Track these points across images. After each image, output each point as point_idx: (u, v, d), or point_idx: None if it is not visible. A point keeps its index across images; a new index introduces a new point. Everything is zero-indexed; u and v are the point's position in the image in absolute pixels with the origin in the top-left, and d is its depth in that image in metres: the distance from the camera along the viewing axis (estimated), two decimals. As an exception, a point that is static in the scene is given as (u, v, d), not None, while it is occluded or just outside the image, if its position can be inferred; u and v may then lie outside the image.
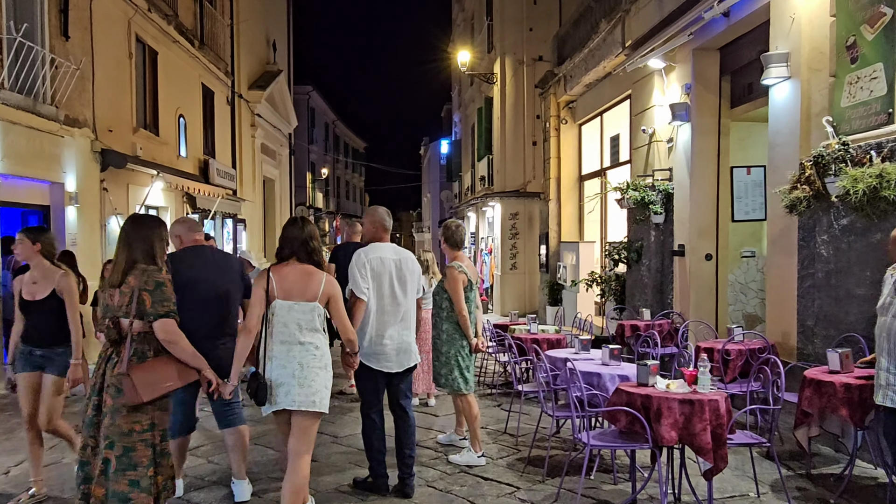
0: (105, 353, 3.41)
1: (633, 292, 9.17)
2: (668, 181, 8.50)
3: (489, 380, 8.71)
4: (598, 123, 12.84)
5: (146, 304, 3.32)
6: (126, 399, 3.25)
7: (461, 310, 5.07)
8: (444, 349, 5.18)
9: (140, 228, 3.50)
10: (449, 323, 5.17)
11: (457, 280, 5.08)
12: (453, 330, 5.15)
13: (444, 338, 5.18)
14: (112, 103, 11.06)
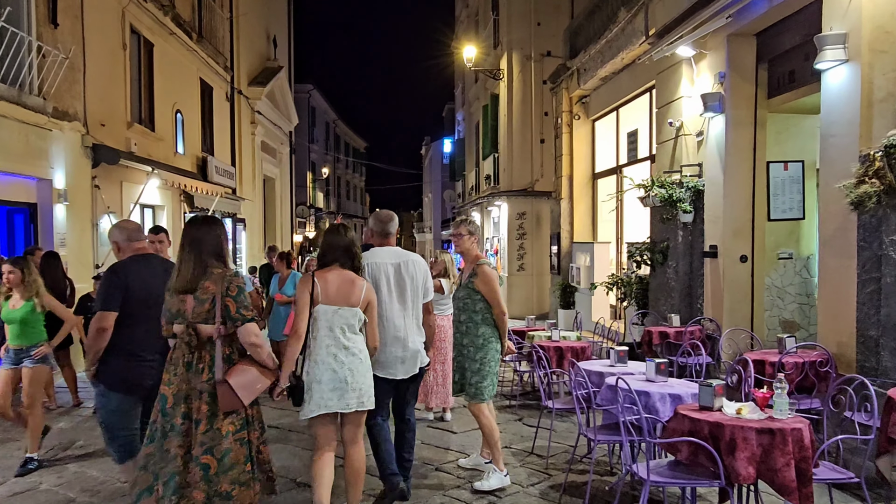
0: (181, 360, 3.37)
1: (657, 296, 8.62)
2: (697, 177, 7.95)
3: (506, 389, 8.15)
4: (613, 118, 12.29)
5: (231, 309, 3.35)
6: (227, 406, 3.30)
7: (503, 309, 4.74)
8: (479, 355, 4.74)
9: (208, 230, 3.50)
10: (486, 325, 4.75)
11: (494, 277, 4.74)
12: (490, 333, 4.76)
13: (480, 342, 4.75)
14: (105, 96, 10.50)
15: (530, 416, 6.91)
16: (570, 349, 6.97)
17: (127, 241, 4.04)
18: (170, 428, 3.33)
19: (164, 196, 12.78)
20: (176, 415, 3.33)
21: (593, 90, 12.74)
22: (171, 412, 3.34)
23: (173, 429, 3.32)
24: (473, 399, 4.73)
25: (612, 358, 5.20)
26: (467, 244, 4.90)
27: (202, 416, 3.31)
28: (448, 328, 6.66)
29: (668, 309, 8.30)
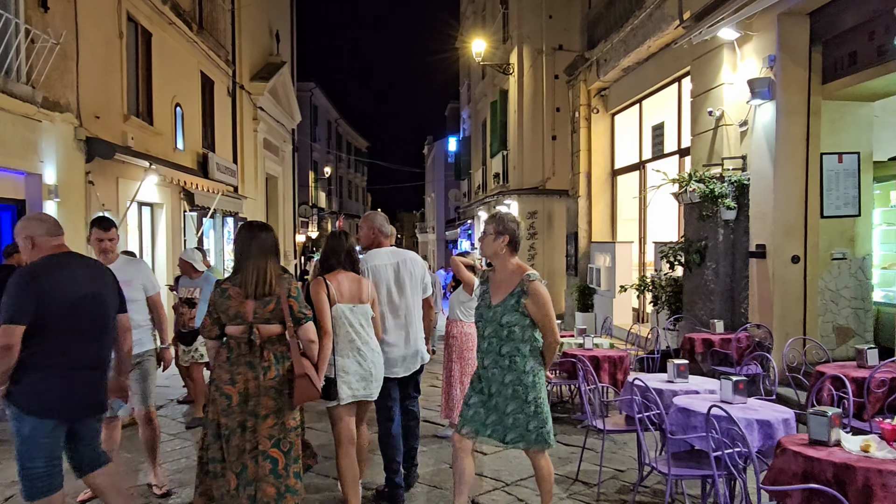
0: (243, 360, 3.46)
1: (693, 299, 8.00)
2: (740, 171, 7.33)
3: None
4: (635, 111, 11.67)
5: (294, 309, 3.53)
6: (305, 398, 3.51)
7: (558, 338, 3.75)
8: (533, 395, 3.65)
9: (267, 235, 3.62)
10: (534, 358, 3.68)
11: (548, 298, 3.65)
12: (539, 366, 3.71)
13: (531, 381, 3.66)
14: (99, 87, 9.87)
15: (563, 432, 6.28)
16: (607, 359, 6.35)
17: (46, 236, 3.42)
18: (236, 425, 3.44)
19: (162, 194, 12.16)
20: (241, 412, 3.44)
21: (613, 82, 12.13)
22: (237, 410, 3.44)
23: (239, 426, 3.44)
24: (539, 446, 3.69)
25: (670, 372, 4.57)
26: (493, 247, 3.71)
27: (269, 412, 3.44)
28: (475, 336, 6.06)
29: (707, 313, 7.68)
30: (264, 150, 20.04)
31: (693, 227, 7.97)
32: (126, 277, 4.19)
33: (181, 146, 13.20)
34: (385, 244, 4.61)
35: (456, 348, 6.02)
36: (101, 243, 4.36)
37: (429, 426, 6.52)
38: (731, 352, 6.57)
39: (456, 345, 6.03)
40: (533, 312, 3.62)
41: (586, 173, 12.91)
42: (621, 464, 5.27)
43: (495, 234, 3.66)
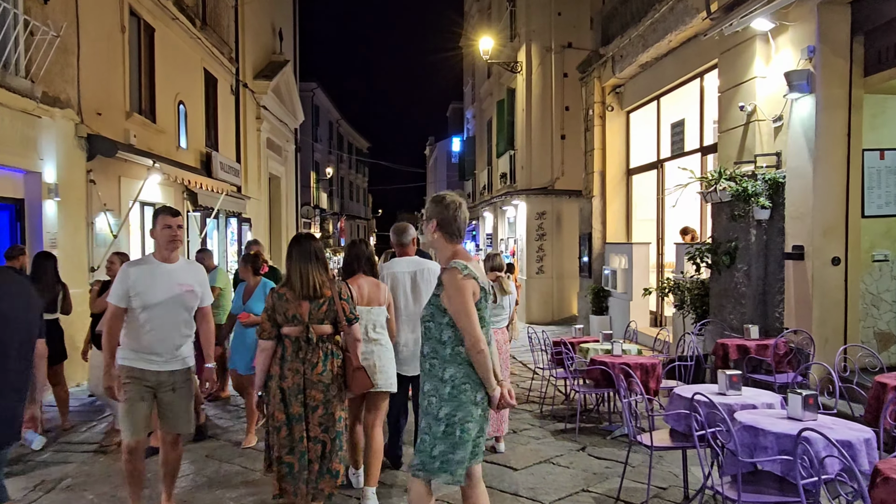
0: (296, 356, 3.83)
1: (721, 303, 7.66)
2: (774, 168, 6.99)
3: (549, 407, 7.18)
4: (653, 109, 11.34)
5: (345, 310, 3.92)
6: (361, 388, 4.00)
7: (476, 341, 2.97)
8: (445, 412, 3.03)
9: (316, 244, 3.99)
10: (456, 365, 3.03)
11: (464, 289, 3.00)
12: (463, 377, 3.02)
13: (447, 392, 3.03)
14: (101, 82, 9.54)
15: (594, 444, 5.95)
16: (639, 366, 6.00)
17: None
18: (293, 416, 3.81)
19: (165, 193, 11.81)
20: (295, 404, 3.81)
21: (630, 79, 11.79)
22: (290, 402, 3.81)
23: (295, 417, 3.81)
24: (421, 470, 3.06)
25: (721, 383, 4.23)
26: (427, 235, 3.23)
27: (318, 403, 3.81)
28: (501, 342, 5.72)
29: (737, 318, 7.34)
30: (267, 150, 19.71)
31: (722, 227, 7.63)
32: (187, 281, 4.08)
33: (184, 145, 12.87)
34: (407, 252, 4.98)
35: None
36: (169, 231, 3.94)
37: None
38: (768, 359, 6.23)
39: None
40: (448, 307, 3.03)
41: (600, 172, 12.57)
42: (662, 480, 4.93)
43: (426, 220, 3.20)
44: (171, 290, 3.98)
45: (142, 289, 3.92)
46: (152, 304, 3.93)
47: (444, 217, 3.13)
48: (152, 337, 3.96)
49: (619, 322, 11.58)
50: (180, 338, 4.07)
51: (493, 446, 5.70)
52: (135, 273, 3.96)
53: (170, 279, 3.99)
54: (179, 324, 4.05)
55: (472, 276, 3.01)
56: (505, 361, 5.74)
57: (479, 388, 3.03)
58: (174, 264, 4.06)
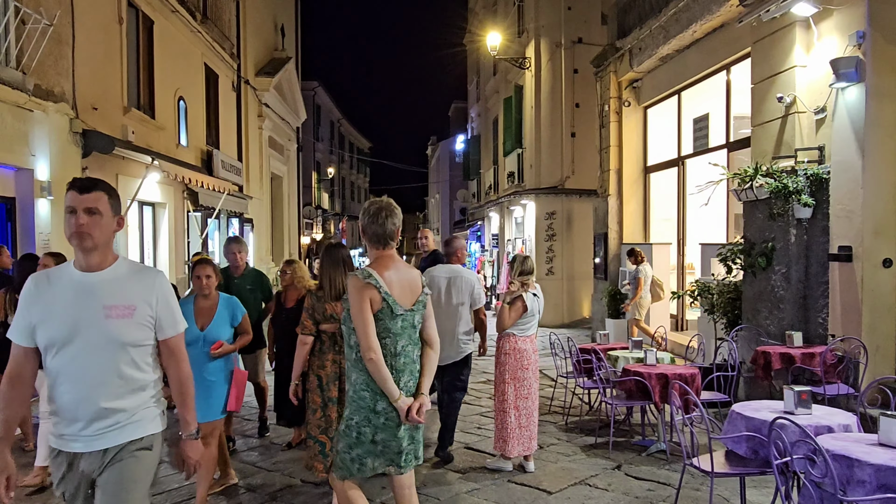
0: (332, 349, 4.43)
1: (755, 307, 7.19)
2: (816, 163, 6.54)
3: (574, 419, 6.71)
4: (673, 104, 10.87)
5: None
6: None
7: (366, 348, 2.98)
8: (347, 412, 3.14)
9: (345, 251, 4.58)
10: (358, 371, 3.09)
11: (359, 296, 3.02)
12: (363, 383, 3.07)
13: (350, 394, 3.14)
14: (97, 76, 9.09)
15: (629, 462, 5.49)
16: (678, 377, 5.54)
17: None
18: (328, 399, 4.37)
19: (165, 192, 11.37)
20: (332, 389, 4.37)
21: (648, 73, 11.33)
22: (327, 388, 4.38)
23: (331, 400, 4.36)
24: (337, 472, 3.17)
25: (788, 400, 3.77)
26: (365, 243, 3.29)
27: None
28: (530, 352, 5.26)
29: (774, 323, 6.88)
30: (269, 149, 19.26)
31: (756, 226, 7.17)
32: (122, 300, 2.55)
33: (184, 142, 12.43)
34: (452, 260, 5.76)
35: (509, 367, 5.23)
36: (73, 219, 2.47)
37: (475, 455, 5.72)
38: (816, 369, 5.78)
39: (509, 362, 5.23)
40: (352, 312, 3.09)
41: (616, 170, 12.11)
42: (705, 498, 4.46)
43: None
44: (89, 317, 2.47)
45: (43, 316, 2.48)
46: (59, 342, 2.47)
47: (364, 224, 3.20)
48: (67, 397, 2.49)
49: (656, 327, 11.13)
50: (114, 395, 2.50)
51: (521, 465, 5.25)
52: (37, 291, 2.53)
53: (88, 298, 2.49)
54: (110, 371, 2.50)
55: (375, 285, 3.03)
56: (534, 372, 5.28)
57: (382, 396, 3.03)
58: (100, 273, 2.53)
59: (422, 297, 3.19)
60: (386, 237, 3.14)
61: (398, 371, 3.05)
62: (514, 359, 5.21)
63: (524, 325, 5.22)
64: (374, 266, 3.11)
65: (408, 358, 3.10)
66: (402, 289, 3.11)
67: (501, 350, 5.29)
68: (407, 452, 3.08)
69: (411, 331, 3.13)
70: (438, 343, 3.31)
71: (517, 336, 5.23)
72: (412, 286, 3.16)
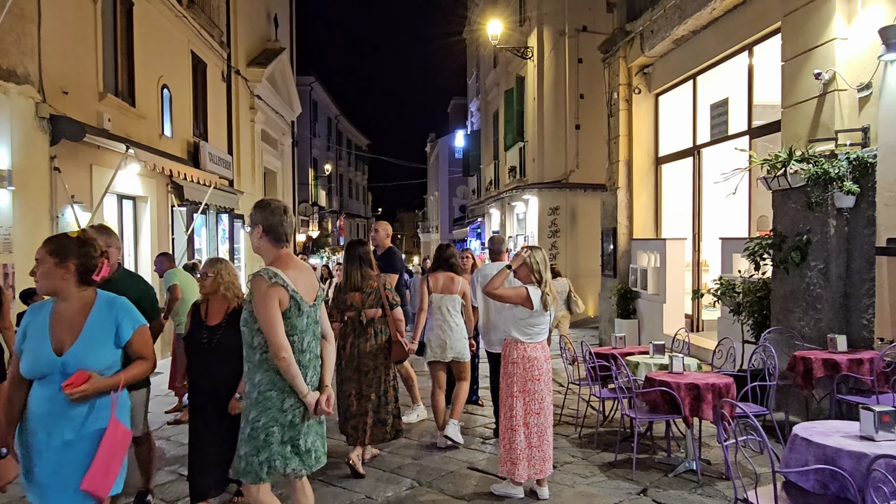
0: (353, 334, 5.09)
1: (788, 307, 6.52)
2: (860, 146, 5.86)
3: (590, 431, 6.04)
4: (688, 89, 10.19)
5: (389, 298, 5.17)
6: (399, 357, 5.22)
7: (279, 348, 2.97)
8: (253, 415, 3.07)
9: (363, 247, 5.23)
10: (263, 371, 3.07)
11: (266, 297, 3.00)
12: (268, 383, 3.06)
13: (255, 396, 3.08)
14: (68, 57, 8.41)
15: (656, 485, 4.82)
16: (710, 388, 4.87)
17: None
18: (345, 377, 5.10)
19: (147, 185, 10.68)
20: (349, 369, 5.08)
21: (660, 57, 10.65)
22: (345, 368, 5.09)
23: (348, 379, 5.09)
24: (240, 475, 3.11)
25: (866, 423, 3.09)
26: (255, 240, 3.21)
27: (369, 369, 5.07)
28: (542, 360, 4.59)
29: (809, 325, 6.20)
30: (262, 143, 18.57)
31: (789, 217, 6.49)
32: None
33: (169, 133, 11.73)
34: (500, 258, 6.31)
35: (518, 378, 4.54)
36: None
37: (480, 478, 5.05)
38: (864, 376, 5.10)
39: (517, 373, 4.55)
40: (256, 312, 3.05)
41: (626, 162, 11.43)
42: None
43: (251, 226, 3.21)
44: None
45: None
46: None
47: (270, 222, 3.15)
48: None
49: (649, 326, 10.47)
50: None
51: (533, 490, 4.57)
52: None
53: None
54: None
55: (281, 284, 3.03)
56: (547, 383, 4.60)
57: (289, 394, 3.05)
58: None
59: (320, 291, 3.28)
60: (288, 235, 3.19)
61: (304, 367, 3.07)
62: (522, 369, 4.52)
63: (532, 329, 4.54)
64: (277, 265, 3.10)
65: (312, 353, 3.15)
66: (304, 285, 3.13)
67: (508, 359, 4.61)
68: (315, 451, 3.13)
69: (314, 326, 3.18)
70: (333, 335, 3.39)
71: (526, 343, 4.54)
72: (311, 281, 3.22)
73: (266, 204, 3.21)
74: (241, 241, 15.86)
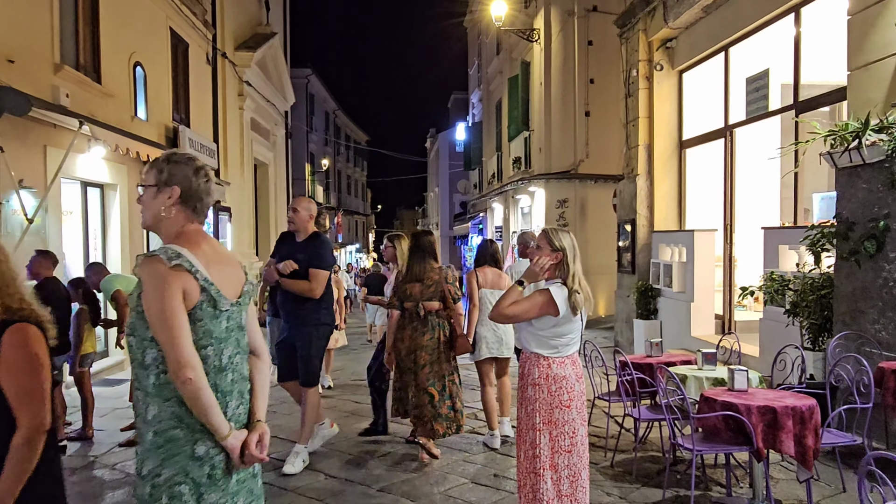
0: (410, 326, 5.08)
1: (857, 307, 5.46)
2: (956, 112, 4.80)
3: (624, 456, 4.98)
4: (718, 63, 9.14)
5: (451, 291, 5.13)
6: (462, 350, 5.25)
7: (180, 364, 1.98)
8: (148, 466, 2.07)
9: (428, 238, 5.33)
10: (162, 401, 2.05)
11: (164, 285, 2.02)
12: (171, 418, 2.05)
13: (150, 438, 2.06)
14: (15, 21, 7.35)
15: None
16: (789, 412, 3.80)
17: None
18: (406, 369, 5.10)
19: (116, 172, 9.62)
20: (409, 362, 5.07)
21: (686, 28, 9.60)
22: (406, 360, 5.08)
23: (408, 370, 5.08)
24: None
25: None
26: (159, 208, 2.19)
27: (426, 363, 5.04)
28: (573, 380, 3.50)
29: (888, 328, 5.15)
30: (252, 132, 17.49)
31: (859, 200, 5.43)
32: None
33: (143, 115, 10.66)
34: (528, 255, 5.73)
35: (542, 404, 3.41)
36: None
37: None
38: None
39: (541, 398, 3.42)
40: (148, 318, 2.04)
41: (646, 146, 10.37)
42: None
43: (158, 187, 2.17)
44: None
45: None
46: None
47: (193, 186, 2.18)
48: None
49: (675, 328, 9.41)
50: None
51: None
52: None
53: None
54: None
55: (187, 269, 2.05)
56: (580, 410, 3.49)
57: (203, 435, 2.05)
58: None
59: (247, 286, 2.26)
60: (207, 204, 2.24)
61: (224, 394, 2.11)
62: (547, 392, 3.40)
63: (559, 341, 3.45)
64: (181, 243, 2.12)
65: (237, 374, 2.17)
66: (223, 274, 2.16)
67: (527, 379, 3.48)
68: None
69: (239, 334, 2.20)
70: (267, 352, 2.37)
71: (551, 358, 3.46)
72: (234, 271, 2.23)
73: (185, 158, 2.22)
74: (227, 236, 14.79)
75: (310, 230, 5.12)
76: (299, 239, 5.09)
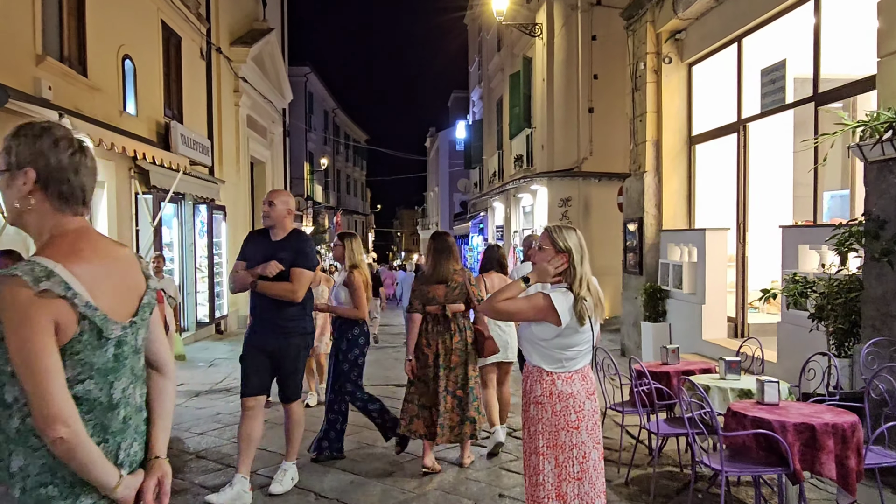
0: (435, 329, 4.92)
1: (888, 310, 5.09)
2: None
3: (639, 472, 4.61)
4: (731, 55, 8.77)
5: (474, 293, 5.01)
6: (490, 352, 5.08)
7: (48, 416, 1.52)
8: None
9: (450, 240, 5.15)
10: (30, 451, 1.58)
11: (28, 318, 1.51)
12: (42, 470, 1.58)
13: (17, 496, 1.57)
14: (-6, 9, 6.97)
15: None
16: (829, 430, 3.43)
17: None
18: (433, 374, 4.90)
19: (104, 169, 9.22)
20: (436, 365, 4.89)
21: (696, 19, 9.22)
22: (432, 364, 4.91)
23: (435, 375, 4.89)
24: None
25: None
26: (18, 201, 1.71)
27: (455, 365, 4.92)
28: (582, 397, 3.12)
29: (922, 334, 4.76)
30: (248, 130, 17.12)
31: (889, 196, 5.05)
32: None
33: (132, 110, 10.29)
34: None
35: (546, 426, 3.04)
36: None
37: None
38: None
39: (544, 418, 3.04)
40: None
41: (654, 142, 9.99)
42: None
43: (10, 171, 1.68)
44: None
45: None
46: None
47: (52, 163, 1.67)
48: None
49: (685, 331, 9.03)
50: None
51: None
52: None
53: None
54: None
55: (60, 295, 1.56)
56: (592, 431, 3.10)
57: (86, 488, 1.61)
58: None
59: (147, 297, 1.80)
60: (79, 186, 1.72)
61: (115, 435, 1.68)
62: (551, 412, 3.01)
63: (562, 354, 3.05)
64: (53, 252, 1.62)
65: (130, 408, 1.74)
66: (115, 290, 1.69)
67: (530, 397, 3.10)
68: None
69: (134, 360, 1.75)
70: (173, 367, 1.93)
71: (555, 373, 3.05)
72: (129, 280, 1.76)
73: (37, 129, 1.70)
74: (221, 235, 14.41)
75: (288, 227, 4.52)
76: (276, 237, 4.47)
